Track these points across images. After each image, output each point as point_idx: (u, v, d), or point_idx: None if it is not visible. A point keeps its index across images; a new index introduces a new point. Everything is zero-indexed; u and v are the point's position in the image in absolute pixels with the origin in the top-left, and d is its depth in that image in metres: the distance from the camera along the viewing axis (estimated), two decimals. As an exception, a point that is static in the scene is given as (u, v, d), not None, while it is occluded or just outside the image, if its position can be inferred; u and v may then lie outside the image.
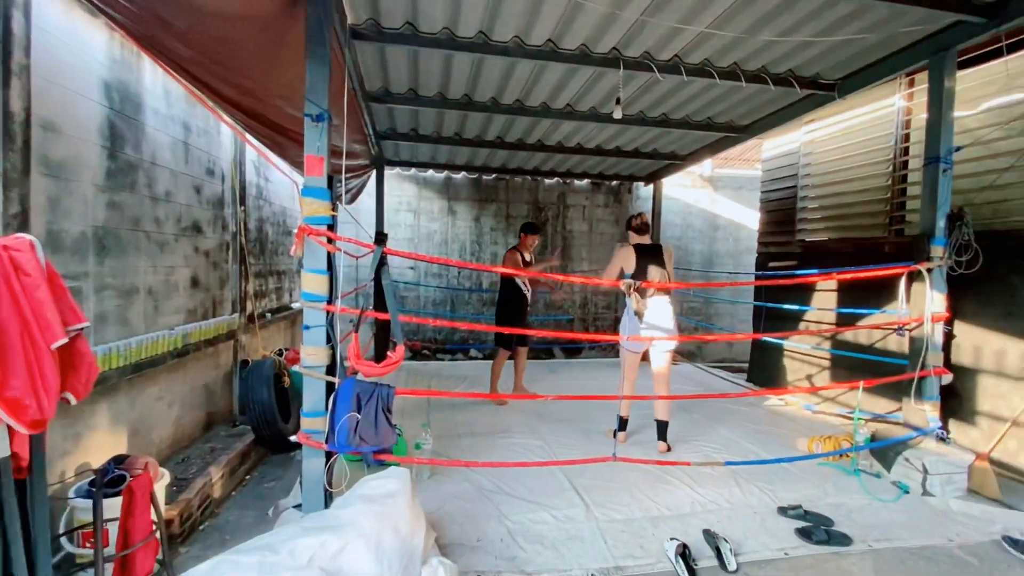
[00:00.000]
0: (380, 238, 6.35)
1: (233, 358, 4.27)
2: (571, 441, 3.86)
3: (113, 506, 2.01)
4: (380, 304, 5.39)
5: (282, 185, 5.65)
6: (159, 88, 3.33)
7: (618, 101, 3.76)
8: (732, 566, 2.37)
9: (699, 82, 3.96)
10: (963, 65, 3.54)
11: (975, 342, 3.60)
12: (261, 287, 5.00)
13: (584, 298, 8.45)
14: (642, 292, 3.47)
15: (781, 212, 5.90)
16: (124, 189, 2.96)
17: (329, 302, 2.48)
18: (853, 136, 4.92)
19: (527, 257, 4.79)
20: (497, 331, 4.68)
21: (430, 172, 7.77)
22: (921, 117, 4.07)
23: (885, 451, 3.39)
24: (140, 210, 3.12)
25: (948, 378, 3.43)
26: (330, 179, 2.45)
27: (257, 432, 3.62)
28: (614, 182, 8.23)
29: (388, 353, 2.57)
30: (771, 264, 5.91)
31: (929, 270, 3.31)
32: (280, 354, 4.52)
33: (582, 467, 3.08)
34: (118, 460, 2.31)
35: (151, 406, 3.24)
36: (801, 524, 2.75)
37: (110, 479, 2.15)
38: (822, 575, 2.38)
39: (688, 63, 3.79)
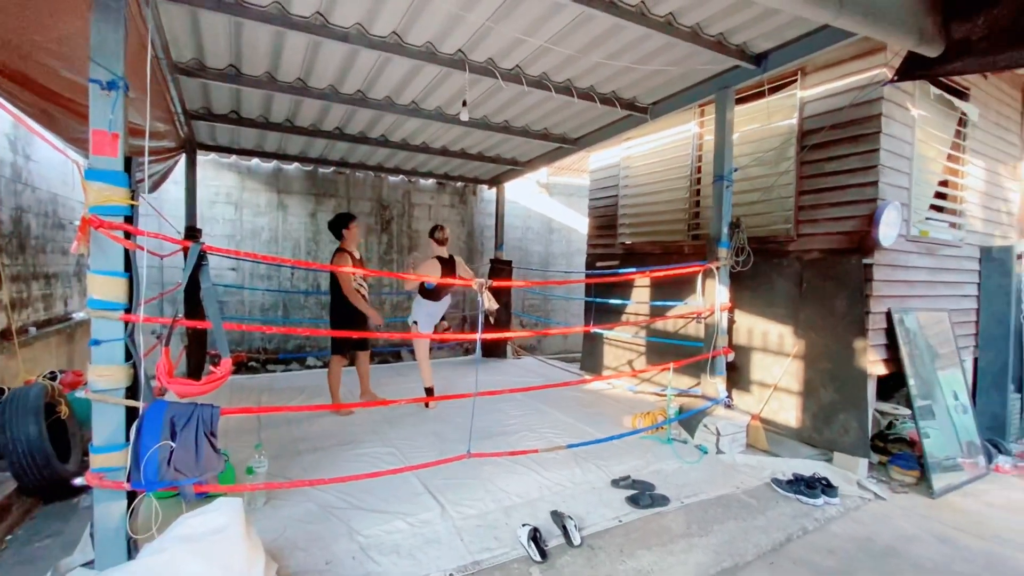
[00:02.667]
0: (192, 234, 5.48)
1: (-23, 387, 3.26)
2: (424, 443, 3.81)
3: None
4: (192, 311, 4.64)
5: (52, 166, 4.51)
6: None
7: (464, 103, 3.81)
8: (577, 540, 2.58)
9: (538, 93, 4.22)
10: (740, 102, 4.38)
11: (748, 326, 4.49)
12: (22, 294, 3.92)
13: (430, 298, 8.39)
14: (435, 294, 4.57)
15: (606, 218, 6.61)
16: None
17: (128, 310, 2.05)
18: (661, 154, 5.74)
19: (357, 254, 4.52)
20: (333, 336, 4.42)
21: (255, 161, 6.94)
22: (709, 140, 4.92)
23: (689, 421, 4.03)
24: None
25: (731, 356, 4.22)
26: (128, 161, 2.03)
27: (21, 478, 2.82)
28: (459, 183, 8.34)
29: (211, 367, 2.22)
30: (598, 264, 6.59)
31: (717, 268, 4.03)
32: (53, 377, 3.59)
33: (437, 468, 3.06)
34: None
35: None
36: (630, 492, 3.12)
37: None
38: (648, 534, 2.73)
39: (528, 74, 4.01)
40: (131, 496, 2.06)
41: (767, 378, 4.32)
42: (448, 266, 4.57)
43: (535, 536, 2.52)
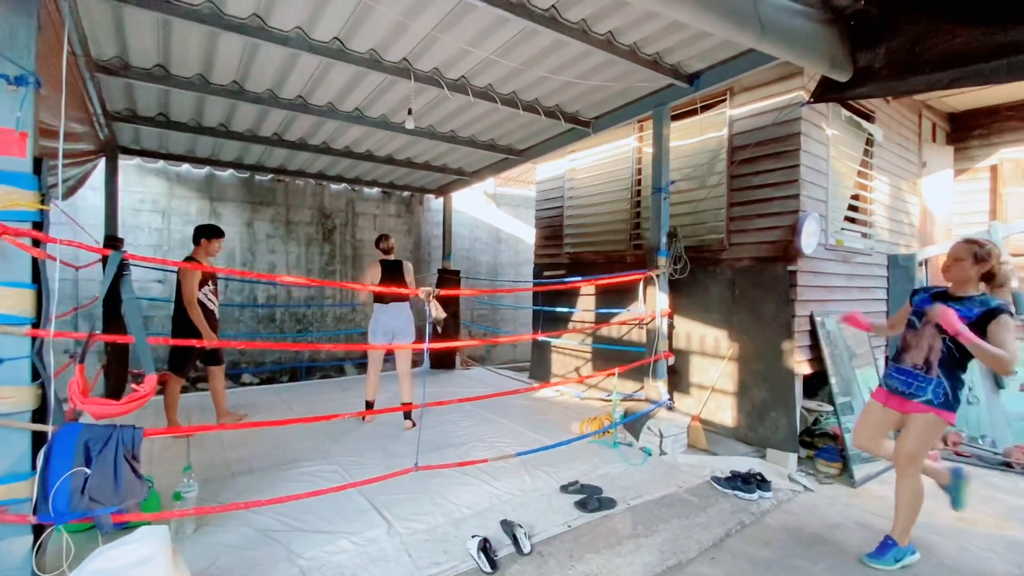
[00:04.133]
0: (112, 243, 5.09)
1: None
2: (370, 459, 3.69)
3: None
4: (112, 325, 4.29)
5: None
6: None
7: (410, 112, 3.79)
8: (527, 548, 2.58)
9: (484, 104, 4.26)
10: (675, 118, 4.61)
11: (687, 330, 4.69)
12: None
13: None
14: (383, 299, 4.46)
15: (552, 228, 6.73)
16: None
17: (36, 325, 1.87)
18: (603, 167, 5.93)
19: (206, 266, 4.26)
20: (173, 350, 4.14)
21: (186, 166, 6.55)
22: (648, 154, 5.14)
23: (634, 424, 4.15)
24: None
25: (671, 360, 4.38)
26: (38, 163, 1.87)
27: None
28: (406, 192, 8.24)
29: (132, 386, 2.06)
30: (545, 273, 6.69)
31: (657, 276, 4.19)
32: (-58, 403, 3.20)
33: (383, 484, 2.96)
34: None
35: None
36: (579, 497, 3.16)
37: None
38: (597, 537, 2.77)
39: (474, 85, 4.04)
40: (38, 530, 1.87)
41: (705, 380, 4.52)
42: (390, 267, 4.44)
43: (485, 547, 2.50)
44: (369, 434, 4.28)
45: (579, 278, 5.33)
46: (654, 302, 4.20)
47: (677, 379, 4.69)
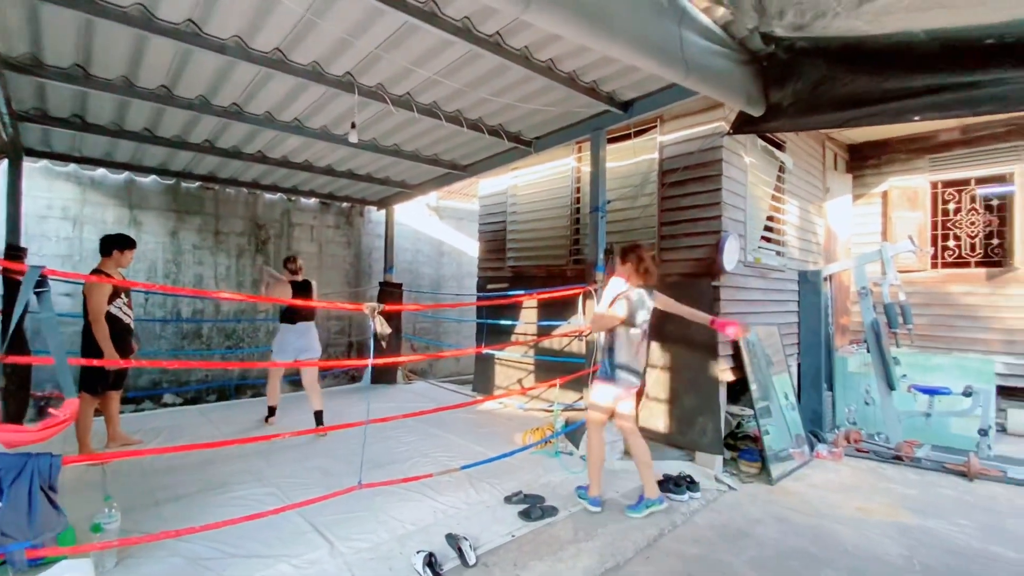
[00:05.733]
0: (14, 253, 4.63)
1: None
2: (309, 480, 3.58)
3: None
4: (14, 345, 3.90)
5: None
6: None
7: (353, 125, 3.77)
8: (472, 560, 2.63)
9: (428, 120, 4.31)
10: (611, 141, 4.87)
11: (624, 342, 4.92)
12: None
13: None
14: (291, 319, 4.74)
15: (495, 242, 6.85)
16: None
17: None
18: (545, 184, 6.14)
19: (116, 277, 4.07)
20: (83, 370, 3.89)
21: (101, 171, 6.07)
22: (587, 173, 5.39)
23: (574, 433, 4.29)
24: None
25: (610, 371, 4.58)
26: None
27: None
28: (345, 204, 8.07)
29: (50, 410, 1.93)
30: (488, 286, 6.78)
31: (595, 290, 4.39)
32: None
33: (324, 504, 2.89)
34: None
35: None
36: (522, 507, 3.24)
37: None
38: (540, 545, 2.85)
39: (419, 102, 4.09)
40: (-67, 574, 1.70)
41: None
42: (300, 287, 4.70)
43: (430, 561, 2.52)
44: (306, 454, 4.14)
45: (521, 291, 5.47)
46: (592, 315, 4.39)
47: (614, 388, 4.90)
